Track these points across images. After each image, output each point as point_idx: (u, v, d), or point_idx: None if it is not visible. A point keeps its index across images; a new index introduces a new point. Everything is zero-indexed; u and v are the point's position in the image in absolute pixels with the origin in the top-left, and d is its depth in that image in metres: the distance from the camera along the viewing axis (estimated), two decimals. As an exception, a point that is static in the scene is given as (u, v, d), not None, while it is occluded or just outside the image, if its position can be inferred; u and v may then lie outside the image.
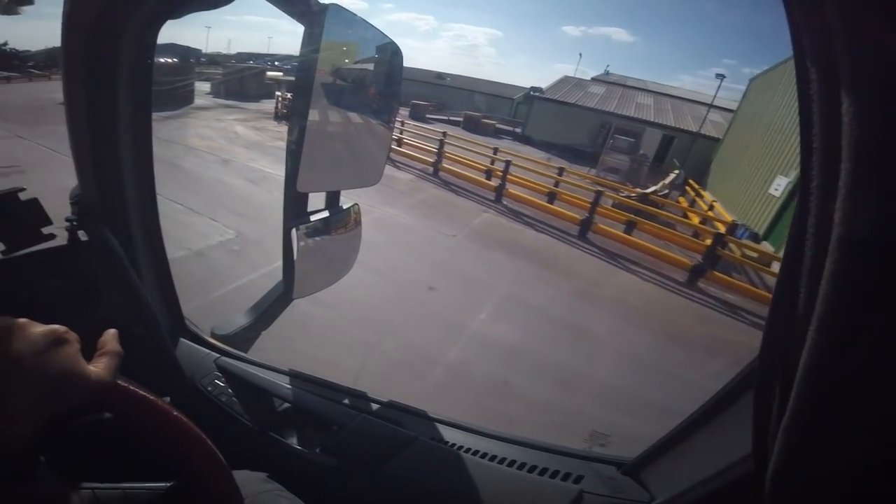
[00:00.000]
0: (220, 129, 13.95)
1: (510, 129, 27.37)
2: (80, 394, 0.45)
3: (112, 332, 0.53)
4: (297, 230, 0.89)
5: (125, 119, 0.91)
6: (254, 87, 23.33)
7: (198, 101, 19.39)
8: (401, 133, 13.88)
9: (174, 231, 5.70)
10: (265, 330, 1.13)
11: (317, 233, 0.97)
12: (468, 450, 0.95)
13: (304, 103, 0.81)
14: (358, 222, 1.11)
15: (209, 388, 1.06)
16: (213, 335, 1.17)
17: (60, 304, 0.86)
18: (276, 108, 18.42)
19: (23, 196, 0.89)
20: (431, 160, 11.95)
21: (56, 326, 0.46)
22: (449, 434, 0.98)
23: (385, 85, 1.06)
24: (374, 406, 1.03)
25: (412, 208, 8.77)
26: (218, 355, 1.12)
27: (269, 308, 1.07)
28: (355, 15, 0.86)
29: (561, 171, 12.33)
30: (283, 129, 15.35)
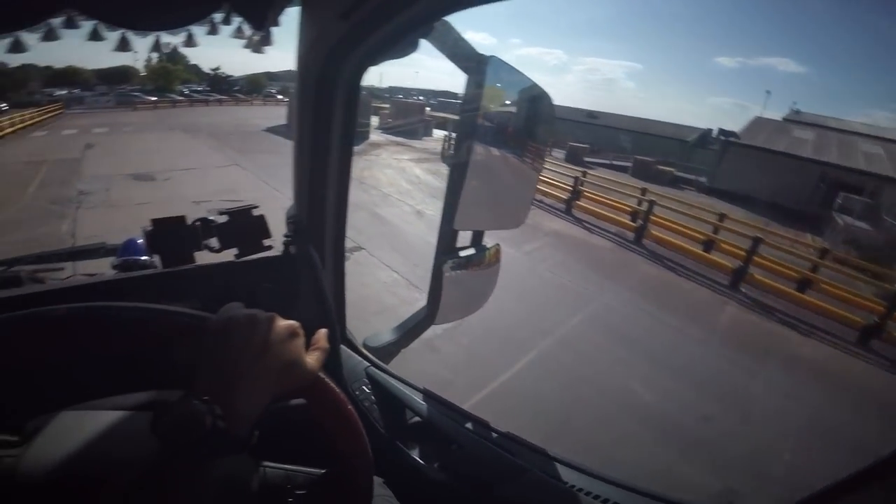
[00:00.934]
0: (400, 169, 13.88)
1: (692, 177, 23.96)
2: (300, 380, 0.53)
3: (324, 331, 0.60)
4: (447, 264, 0.99)
5: (334, 154, 1.02)
6: (417, 123, 23.66)
7: (371, 136, 20.20)
8: (580, 185, 11.97)
9: (401, 311, 4.89)
10: (404, 348, 1.19)
11: (462, 267, 1.03)
12: (585, 491, 0.92)
13: (466, 146, 0.89)
14: (497, 261, 1.14)
15: (356, 393, 1.12)
16: (365, 346, 1.22)
17: (270, 304, 0.77)
18: (444, 149, 18.06)
19: (255, 212, 1.07)
20: (632, 223, 10.09)
21: (293, 322, 0.54)
22: (565, 473, 0.96)
23: (536, 132, 1.10)
24: (494, 434, 1.04)
25: (653, 303, 6.76)
26: (368, 364, 1.17)
27: (412, 329, 1.13)
28: (513, 67, 0.93)
29: (824, 252, 9.56)
30: (456, 172, 15.16)
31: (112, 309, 0.51)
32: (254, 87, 65.07)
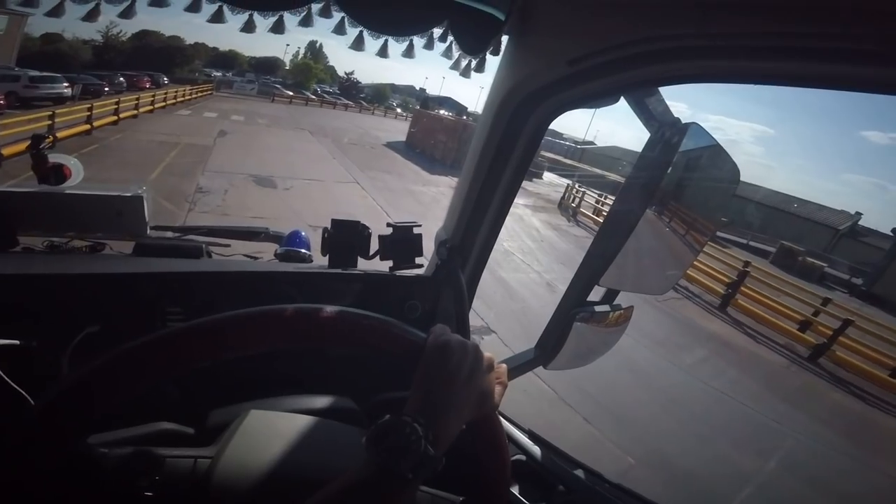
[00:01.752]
0: (517, 217, 12.47)
1: (845, 276, 20.25)
2: (487, 411, 0.55)
3: (504, 367, 0.61)
4: (578, 314, 0.97)
5: (502, 189, 1.01)
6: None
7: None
8: (742, 277, 9.78)
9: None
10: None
11: (591, 321, 1.01)
12: None
13: (632, 205, 0.86)
14: (626, 322, 1.13)
15: None
16: None
17: (409, 320, 0.89)
18: (564, 199, 16.70)
19: (415, 230, 1.10)
20: (800, 333, 8.40)
21: (490, 354, 0.56)
22: None
23: (713, 207, 1.11)
24: (606, 484, 1.00)
25: (855, 443, 5.32)
26: None
27: (518, 367, 1.09)
28: (711, 136, 0.90)
29: None
30: (578, 231, 14.10)
31: (350, 314, 0.53)
32: (377, 97, 68.23)
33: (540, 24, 0.84)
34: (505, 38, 0.89)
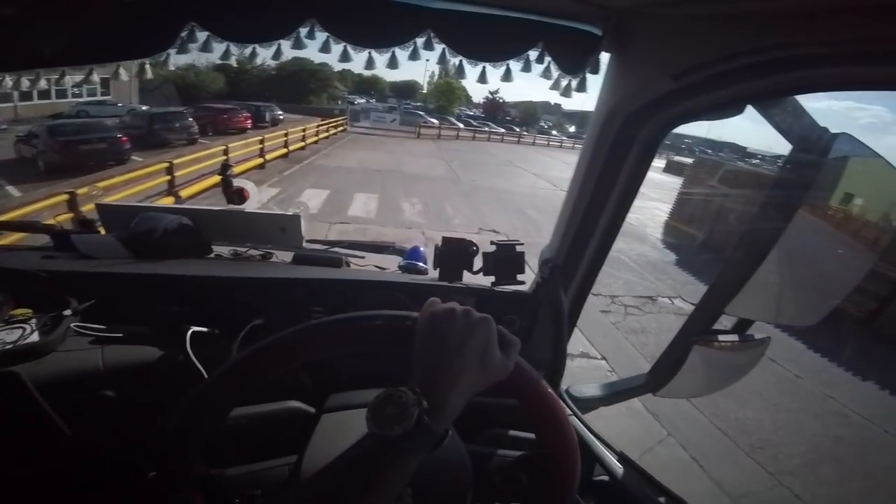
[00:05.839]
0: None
1: None
2: (496, 373, 0.52)
3: (504, 330, 0.57)
4: (699, 342, 0.93)
5: (609, 209, 0.96)
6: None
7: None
8: None
9: None
10: (606, 407, 1.12)
11: (713, 351, 0.94)
12: None
13: (775, 227, 0.80)
14: (760, 355, 1.03)
15: None
16: (567, 393, 1.20)
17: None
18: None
19: (518, 248, 1.11)
20: None
21: (485, 315, 0.54)
22: None
23: (877, 225, 0.95)
24: None
25: None
26: (569, 412, 1.14)
27: (624, 391, 1.10)
28: (865, 145, 0.76)
29: None
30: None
31: (338, 321, 0.57)
32: (526, 119, 57.11)
33: (640, 40, 0.80)
34: (606, 56, 0.86)
